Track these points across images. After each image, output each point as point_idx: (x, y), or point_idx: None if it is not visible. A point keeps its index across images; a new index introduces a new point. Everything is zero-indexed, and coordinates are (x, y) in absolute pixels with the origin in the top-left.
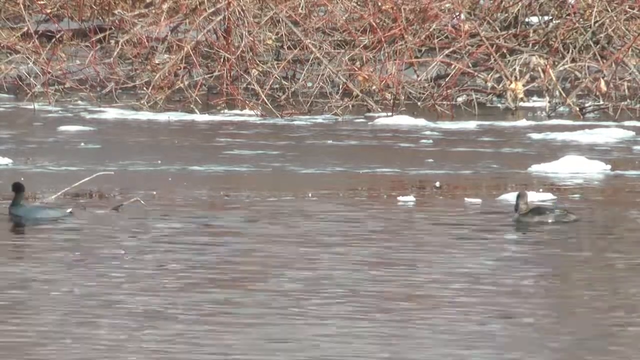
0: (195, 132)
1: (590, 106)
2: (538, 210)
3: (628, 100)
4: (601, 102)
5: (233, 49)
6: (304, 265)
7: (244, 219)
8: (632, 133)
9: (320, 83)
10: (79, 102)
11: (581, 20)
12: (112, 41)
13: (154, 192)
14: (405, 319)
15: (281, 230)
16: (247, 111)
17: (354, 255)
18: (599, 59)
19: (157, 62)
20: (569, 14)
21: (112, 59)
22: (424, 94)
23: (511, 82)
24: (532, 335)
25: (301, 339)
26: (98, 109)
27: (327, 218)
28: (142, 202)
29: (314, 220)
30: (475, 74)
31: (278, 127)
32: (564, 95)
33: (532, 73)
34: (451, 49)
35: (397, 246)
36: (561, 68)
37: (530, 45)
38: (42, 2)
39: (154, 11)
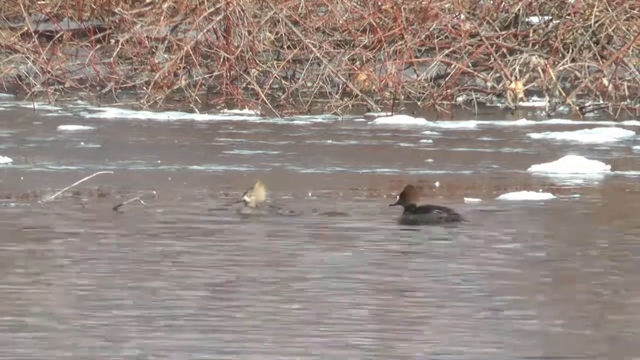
0: (195, 131)
1: (590, 106)
2: (423, 208)
3: (628, 100)
4: (601, 102)
5: (233, 49)
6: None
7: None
8: (632, 133)
9: (320, 83)
10: (79, 101)
11: (581, 20)
12: (112, 41)
13: (154, 192)
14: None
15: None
16: (246, 111)
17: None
18: (599, 59)
19: (157, 61)
20: (569, 14)
21: (112, 58)
22: (423, 93)
23: (511, 82)
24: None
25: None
26: (98, 108)
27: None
28: (142, 202)
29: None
30: (475, 73)
31: (278, 127)
32: (564, 95)
33: (532, 73)
34: (451, 49)
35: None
36: (561, 68)
37: (530, 45)
38: (42, 2)
39: (153, 10)
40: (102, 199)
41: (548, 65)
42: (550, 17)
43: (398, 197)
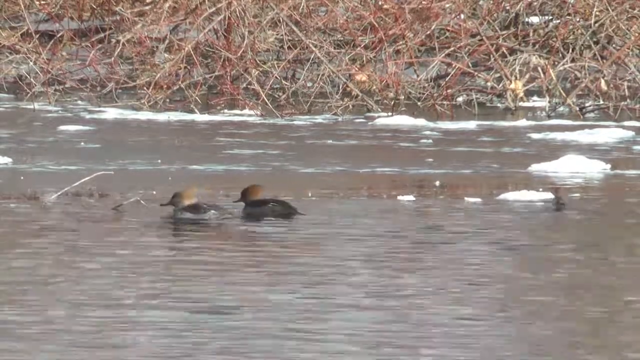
0: (195, 131)
1: (590, 106)
2: (260, 202)
3: (628, 100)
4: (601, 102)
5: (234, 49)
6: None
7: None
8: (631, 133)
9: (321, 83)
10: (79, 101)
11: (581, 20)
12: (113, 40)
13: (154, 192)
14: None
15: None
16: (247, 111)
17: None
18: (599, 59)
19: (157, 61)
20: (569, 14)
21: (112, 58)
22: (424, 94)
23: (511, 82)
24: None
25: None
26: (98, 108)
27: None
28: (142, 202)
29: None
30: (476, 73)
31: (278, 127)
32: (564, 95)
33: (532, 73)
34: (451, 49)
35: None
36: (561, 68)
37: (531, 45)
38: (42, 2)
39: (154, 10)
40: (102, 199)
41: (548, 65)
42: (550, 17)
43: (240, 195)
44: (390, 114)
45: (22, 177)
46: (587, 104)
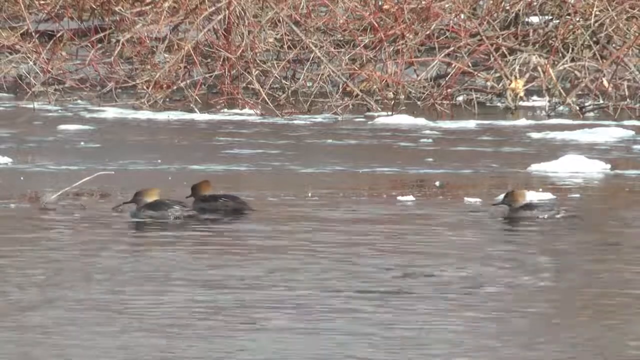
0: (194, 131)
1: (590, 105)
2: (211, 197)
3: (628, 100)
4: (601, 102)
5: (234, 48)
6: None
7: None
8: (631, 132)
9: (321, 82)
10: (79, 101)
11: (581, 20)
12: (113, 40)
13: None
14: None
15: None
16: (246, 110)
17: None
18: (599, 58)
19: (157, 61)
20: (569, 14)
21: (112, 58)
22: (424, 93)
23: (511, 82)
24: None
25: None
26: (98, 108)
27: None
28: None
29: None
30: (476, 73)
31: (278, 127)
32: (564, 94)
33: (532, 73)
34: (451, 49)
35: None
36: (561, 68)
37: (530, 44)
38: (42, 2)
39: (154, 10)
40: (102, 199)
41: (548, 65)
42: (550, 17)
43: (190, 190)
44: (390, 113)
45: (22, 177)
46: (587, 103)
